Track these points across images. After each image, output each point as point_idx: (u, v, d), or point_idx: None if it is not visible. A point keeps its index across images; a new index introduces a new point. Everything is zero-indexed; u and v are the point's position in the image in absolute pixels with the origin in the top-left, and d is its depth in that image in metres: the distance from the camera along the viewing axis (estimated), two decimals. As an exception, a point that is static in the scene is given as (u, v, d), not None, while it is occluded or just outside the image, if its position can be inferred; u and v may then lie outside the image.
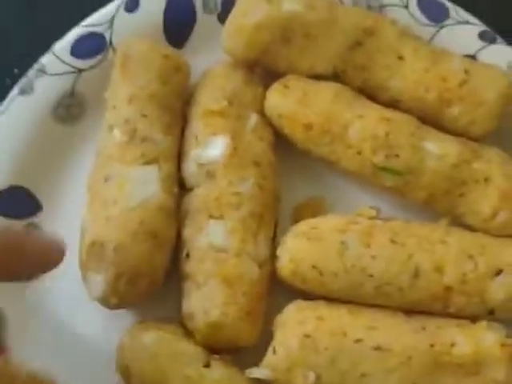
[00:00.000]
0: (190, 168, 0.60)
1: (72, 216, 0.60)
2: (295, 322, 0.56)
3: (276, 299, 0.59)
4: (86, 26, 0.64)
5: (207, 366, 0.56)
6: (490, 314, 0.58)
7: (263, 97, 0.62)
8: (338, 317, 0.57)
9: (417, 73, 0.61)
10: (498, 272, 0.57)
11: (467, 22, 0.65)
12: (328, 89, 0.60)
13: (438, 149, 0.59)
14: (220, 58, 0.63)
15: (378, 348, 0.55)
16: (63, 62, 0.63)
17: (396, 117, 0.60)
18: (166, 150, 0.59)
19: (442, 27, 0.65)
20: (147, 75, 0.60)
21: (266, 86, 0.62)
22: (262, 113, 0.62)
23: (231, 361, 0.58)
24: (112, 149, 0.59)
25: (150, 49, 0.61)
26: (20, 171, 0.62)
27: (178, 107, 0.62)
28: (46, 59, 0.63)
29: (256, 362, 0.57)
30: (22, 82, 0.63)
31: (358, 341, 0.55)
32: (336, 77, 0.62)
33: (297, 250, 0.57)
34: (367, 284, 0.57)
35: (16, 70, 0.67)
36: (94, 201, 0.58)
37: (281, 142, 0.62)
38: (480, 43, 0.65)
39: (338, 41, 0.61)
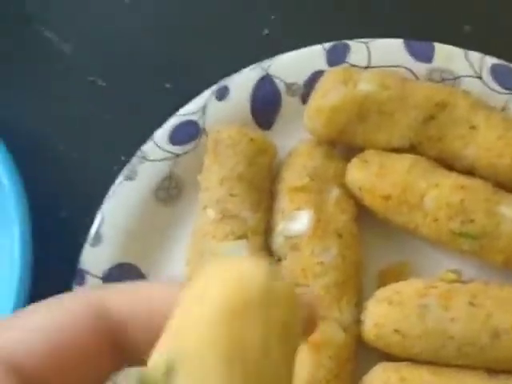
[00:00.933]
0: (277, 241, 0.65)
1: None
2: (380, 382, 0.59)
3: (363, 362, 0.63)
4: (182, 114, 0.70)
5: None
6: None
7: (344, 171, 0.66)
8: (419, 377, 0.59)
9: (490, 141, 0.64)
10: None
11: (540, 87, 0.68)
12: (404, 161, 0.64)
13: (514, 213, 0.62)
14: (304, 137, 0.68)
15: (461, 408, 0.58)
16: (162, 148, 0.70)
17: (471, 184, 0.63)
18: (255, 225, 0.64)
19: (515, 93, 0.68)
20: (235, 158, 0.66)
21: (347, 161, 0.67)
22: (344, 186, 0.66)
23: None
24: (206, 227, 0.64)
25: (238, 133, 0.66)
26: (127, 249, 0.68)
27: (265, 185, 0.67)
28: (147, 147, 0.70)
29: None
30: (127, 168, 0.70)
31: (441, 401, 0.58)
32: (413, 148, 0.66)
33: (379, 315, 0.61)
34: (448, 345, 0.59)
35: (123, 158, 0.73)
36: (192, 275, 0.63)
37: (364, 213, 0.66)
38: (554, 106, 0.67)
39: (412, 116, 0.64)
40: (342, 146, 0.68)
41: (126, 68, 0.77)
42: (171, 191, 0.70)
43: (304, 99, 0.69)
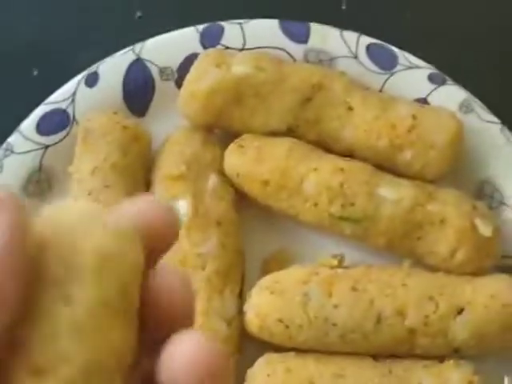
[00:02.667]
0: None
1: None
2: (264, 376, 0.58)
3: (249, 354, 0.61)
4: (50, 103, 0.66)
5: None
6: (456, 353, 0.59)
7: (222, 157, 0.64)
8: (305, 367, 0.58)
9: (367, 122, 0.63)
10: (460, 311, 0.59)
11: (416, 67, 0.67)
12: (282, 145, 0.62)
13: (393, 194, 0.61)
14: (180, 123, 0.65)
15: (345, 396, 0.57)
16: (30, 140, 0.66)
17: (350, 166, 0.62)
18: None
19: (392, 74, 0.67)
20: (107, 147, 0.62)
21: (225, 147, 0.64)
22: (222, 173, 0.64)
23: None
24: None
25: (109, 121, 0.63)
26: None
27: (140, 175, 0.64)
28: (13, 139, 0.66)
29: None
30: (-8, 162, 0.65)
31: (325, 390, 0.57)
32: (291, 132, 0.64)
33: (261, 305, 0.59)
34: (332, 333, 0.58)
35: (-13, 151, 0.69)
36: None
37: (243, 199, 0.64)
38: (430, 86, 0.67)
39: (288, 98, 0.63)
40: (219, 132, 0.66)
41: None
42: (42, 184, 0.66)
43: (178, 84, 0.66)
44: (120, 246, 0.26)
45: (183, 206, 0.61)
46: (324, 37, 0.67)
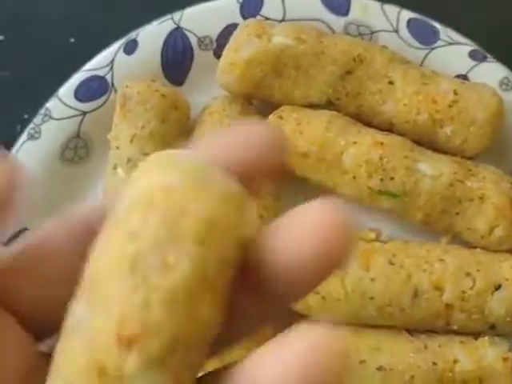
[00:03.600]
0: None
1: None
2: (300, 347, 0.58)
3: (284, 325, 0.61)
4: (88, 70, 0.66)
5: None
6: (492, 329, 0.59)
7: (261, 129, 0.63)
8: (341, 340, 0.58)
9: (407, 96, 0.62)
10: (497, 287, 0.58)
11: (457, 43, 0.66)
12: (321, 117, 0.62)
13: (432, 169, 0.61)
14: (218, 94, 0.65)
15: (381, 368, 0.57)
16: (68, 106, 0.66)
17: (389, 140, 0.62)
18: None
19: (432, 49, 0.66)
20: (146, 115, 0.62)
21: (264, 118, 0.64)
22: (261, 145, 0.63)
23: None
24: (118, 187, 0.61)
25: (148, 88, 0.63)
26: (29, 213, 0.64)
27: (178, 144, 0.64)
28: (51, 104, 0.66)
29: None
30: (30, 127, 0.65)
31: (361, 362, 0.57)
32: (331, 104, 0.63)
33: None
34: (368, 307, 0.58)
35: (26, 116, 0.69)
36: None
37: (282, 172, 0.64)
38: (471, 62, 0.66)
39: (329, 70, 0.62)
40: (258, 103, 0.65)
41: (28, 22, 0.72)
42: (79, 151, 0.66)
43: (217, 54, 0.66)
44: (229, 214, 0.24)
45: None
46: (365, 9, 0.67)
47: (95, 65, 0.66)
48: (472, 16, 0.71)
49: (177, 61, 0.67)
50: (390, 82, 0.63)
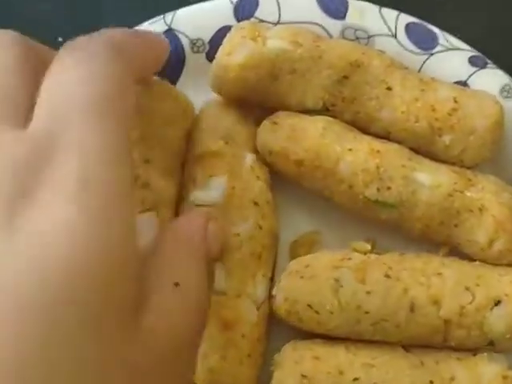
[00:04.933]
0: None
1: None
2: (292, 362, 0.56)
3: (278, 340, 0.59)
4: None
5: (207, 407, 0.56)
6: (491, 346, 0.57)
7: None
8: (334, 355, 0.56)
9: (406, 103, 0.60)
10: (497, 303, 0.57)
11: (457, 48, 0.64)
12: (317, 123, 0.60)
13: (431, 179, 0.59)
14: (211, 98, 0.63)
15: (375, 386, 0.55)
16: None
17: (387, 148, 0.60)
18: (167, 196, 0.59)
19: (431, 54, 0.65)
20: (152, 116, 0.59)
21: (259, 123, 0.62)
22: (257, 151, 0.61)
23: (232, 402, 0.57)
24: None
25: (160, 87, 0.60)
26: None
27: (181, 151, 0.61)
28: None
29: (257, 404, 0.57)
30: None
31: (355, 380, 0.55)
32: (327, 110, 0.61)
33: (290, 290, 0.57)
34: (364, 321, 0.56)
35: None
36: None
37: (275, 178, 0.62)
38: (471, 68, 0.64)
39: (325, 75, 0.60)
40: (254, 108, 0.63)
41: (16, 21, 0.70)
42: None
43: (210, 56, 0.64)
44: None
45: (220, 185, 0.59)
46: (362, 13, 0.65)
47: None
48: (472, 20, 0.69)
49: (168, 63, 0.65)
50: (388, 88, 0.61)
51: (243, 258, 0.57)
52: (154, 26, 0.64)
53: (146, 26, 0.65)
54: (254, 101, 0.62)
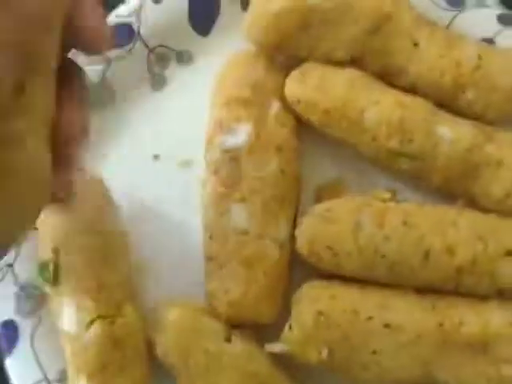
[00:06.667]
0: (214, 154, 0.62)
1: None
2: (309, 300, 0.59)
3: (298, 278, 0.62)
4: (115, 16, 0.67)
5: (228, 340, 0.60)
6: (500, 295, 0.60)
7: (284, 84, 0.64)
8: (350, 295, 0.59)
9: (432, 58, 0.62)
10: (509, 253, 0.59)
11: (486, 5, 0.66)
12: (344, 75, 0.62)
13: (452, 133, 0.61)
14: (244, 47, 0.65)
15: (388, 326, 0.58)
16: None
17: (411, 102, 0.62)
18: None
19: (461, 11, 0.66)
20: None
21: (289, 74, 0.64)
22: (284, 100, 0.64)
23: (252, 336, 0.61)
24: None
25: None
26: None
27: None
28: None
29: (275, 338, 0.60)
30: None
31: (369, 318, 0.58)
32: (355, 62, 0.64)
33: (312, 231, 0.60)
34: (379, 264, 0.59)
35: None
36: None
37: (303, 127, 0.64)
38: (498, 26, 0.66)
39: (355, 27, 0.62)
40: (283, 58, 0.66)
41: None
42: (104, 96, 0.67)
43: (244, 5, 0.66)
44: None
45: (245, 131, 0.62)
46: (396, -33, 0.66)
47: (123, 12, 0.67)
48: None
49: (204, 10, 0.67)
50: (415, 44, 0.63)
51: (266, 200, 0.60)
52: (191, -27, 0.67)
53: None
54: (286, 50, 0.64)
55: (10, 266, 0.63)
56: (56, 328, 0.61)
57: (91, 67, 0.66)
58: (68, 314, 0.59)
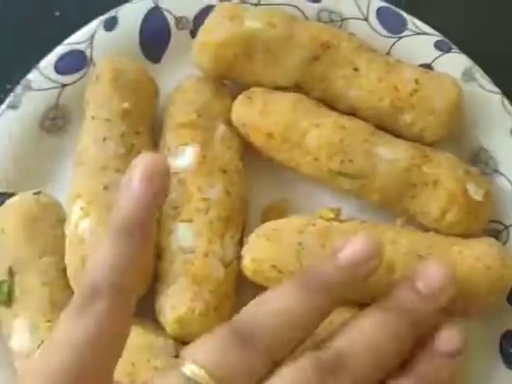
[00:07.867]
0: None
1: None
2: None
3: (244, 297, 0.64)
4: (69, 43, 0.69)
5: (177, 357, 0.61)
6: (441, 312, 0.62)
7: (231, 108, 0.66)
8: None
9: (371, 83, 0.65)
10: (445, 269, 0.61)
11: (424, 33, 0.69)
12: (287, 99, 0.65)
13: (390, 154, 0.64)
14: (194, 73, 0.68)
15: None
16: (48, 77, 0.68)
17: (351, 124, 0.64)
18: None
19: (400, 38, 0.69)
20: (136, 94, 0.65)
21: (235, 98, 0.67)
22: (230, 123, 0.66)
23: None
24: (107, 160, 0.63)
25: (139, 70, 0.67)
26: (7, 179, 0.67)
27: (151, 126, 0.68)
28: (32, 75, 0.69)
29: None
30: (11, 96, 0.68)
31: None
32: (298, 88, 0.66)
33: (257, 250, 0.62)
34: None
35: (8, 86, 0.72)
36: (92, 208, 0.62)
37: (249, 149, 0.67)
38: (436, 52, 0.69)
39: (297, 55, 0.65)
40: (230, 84, 0.68)
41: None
42: (57, 121, 0.69)
43: (193, 34, 0.69)
44: None
45: (191, 153, 0.64)
46: (337, -3, 0.69)
47: (76, 39, 0.69)
48: (440, 8, 0.74)
49: (154, 38, 0.70)
50: (355, 69, 0.65)
51: (211, 220, 0.63)
52: (142, 3, 0.69)
53: (134, 4, 0.69)
54: (232, 77, 0.67)
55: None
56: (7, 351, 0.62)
57: (46, 91, 0.68)
58: (20, 333, 0.61)
